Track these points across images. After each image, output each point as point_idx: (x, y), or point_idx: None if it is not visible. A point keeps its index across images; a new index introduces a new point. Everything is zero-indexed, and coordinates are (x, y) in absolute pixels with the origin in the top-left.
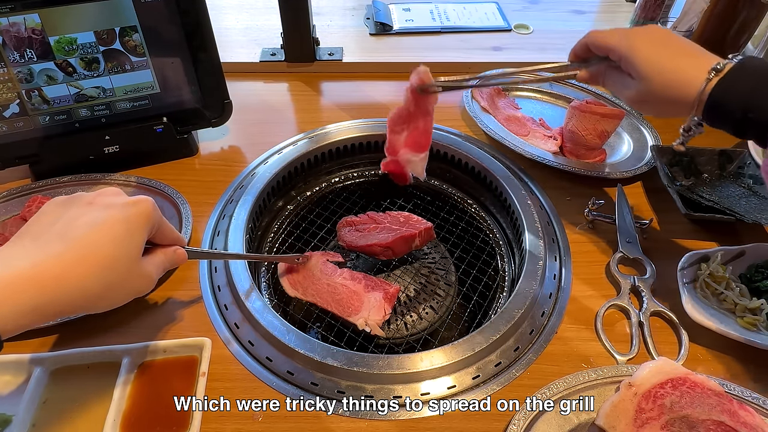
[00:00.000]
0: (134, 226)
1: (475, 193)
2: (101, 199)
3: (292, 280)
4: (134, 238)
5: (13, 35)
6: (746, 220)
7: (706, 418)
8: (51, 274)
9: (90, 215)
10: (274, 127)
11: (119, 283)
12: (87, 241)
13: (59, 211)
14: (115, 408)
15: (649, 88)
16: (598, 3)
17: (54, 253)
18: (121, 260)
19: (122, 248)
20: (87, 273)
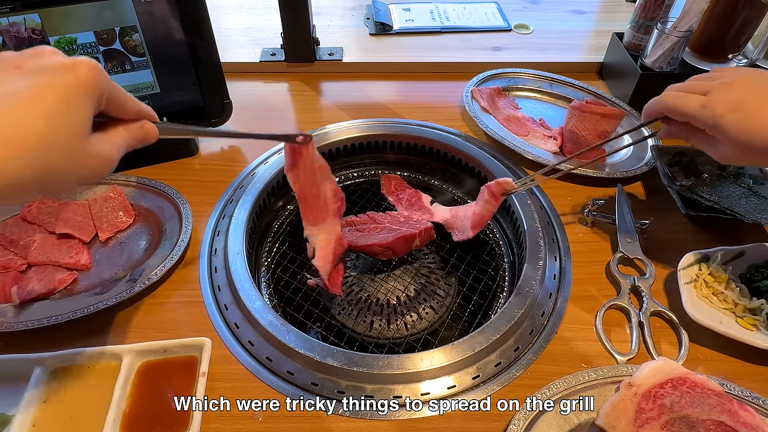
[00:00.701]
0: (73, 97)
1: (475, 193)
2: (32, 61)
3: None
4: (75, 111)
5: (13, 35)
6: (746, 220)
7: (706, 418)
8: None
9: (13, 83)
10: (274, 127)
11: (61, 164)
12: (14, 116)
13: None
14: (115, 408)
15: (743, 150)
16: (598, 3)
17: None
18: (59, 138)
19: (58, 124)
20: (12, 155)
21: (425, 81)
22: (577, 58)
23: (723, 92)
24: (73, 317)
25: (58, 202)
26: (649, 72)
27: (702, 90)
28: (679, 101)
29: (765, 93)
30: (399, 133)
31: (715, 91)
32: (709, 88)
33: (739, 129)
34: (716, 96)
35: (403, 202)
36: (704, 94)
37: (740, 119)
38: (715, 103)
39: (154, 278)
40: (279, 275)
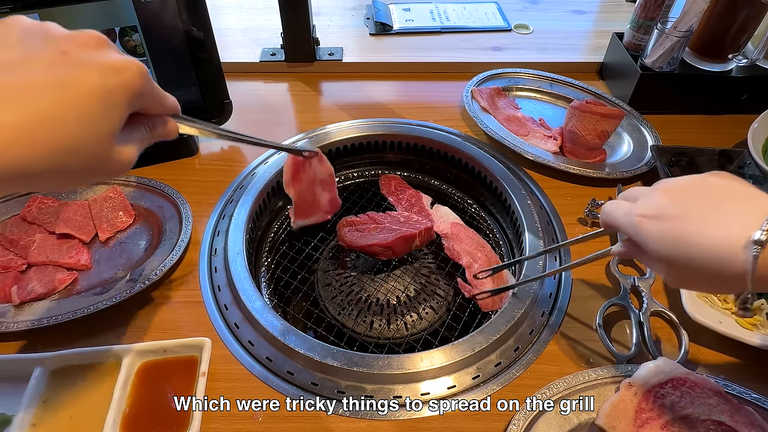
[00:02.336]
0: (114, 103)
1: (475, 193)
2: (79, 51)
3: (293, 187)
4: (111, 118)
5: None
6: None
7: (706, 418)
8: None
9: (60, 72)
10: (274, 127)
11: (82, 167)
12: (47, 114)
13: (19, 48)
14: (115, 408)
15: (672, 269)
16: (598, 3)
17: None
18: (88, 144)
19: (91, 130)
20: (35, 154)
21: (425, 81)
22: (577, 58)
23: (647, 198)
24: (73, 317)
25: (58, 202)
26: (649, 72)
27: (635, 196)
28: (611, 207)
29: (695, 199)
30: (399, 133)
31: (640, 198)
32: (639, 195)
33: (658, 239)
34: (640, 203)
35: (403, 203)
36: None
37: (660, 229)
38: (636, 209)
39: (154, 278)
40: (279, 275)
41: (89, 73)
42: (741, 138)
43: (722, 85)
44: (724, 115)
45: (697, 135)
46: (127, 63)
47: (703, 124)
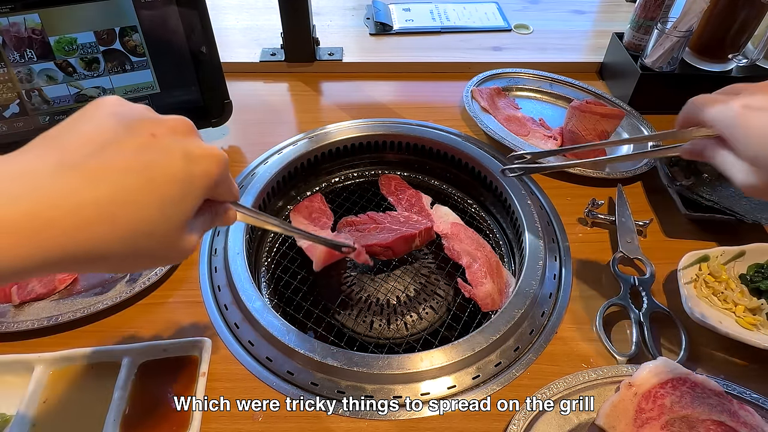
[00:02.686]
0: (192, 190)
1: (475, 193)
2: (167, 137)
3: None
4: (187, 204)
5: (13, 35)
6: (746, 220)
7: (706, 418)
8: (67, 227)
9: (146, 155)
10: (274, 127)
11: (150, 252)
12: (131, 196)
13: (111, 130)
14: (115, 408)
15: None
16: (598, 3)
17: (80, 201)
18: (163, 228)
19: (167, 214)
20: (114, 237)
21: (425, 81)
22: (577, 58)
23: (751, 91)
24: (73, 317)
25: None
26: (649, 72)
27: (736, 91)
28: (705, 98)
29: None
30: (399, 133)
31: (744, 92)
32: (742, 89)
33: (757, 134)
34: (744, 95)
35: (403, 203)
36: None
37: (763, 124)
38: (738, 100)
39: (154, 278)
40: (279, 275)
41: (174, 159)
42: None
43: (722, 85)
44: None
45: None
46: (210, 152)
47: None
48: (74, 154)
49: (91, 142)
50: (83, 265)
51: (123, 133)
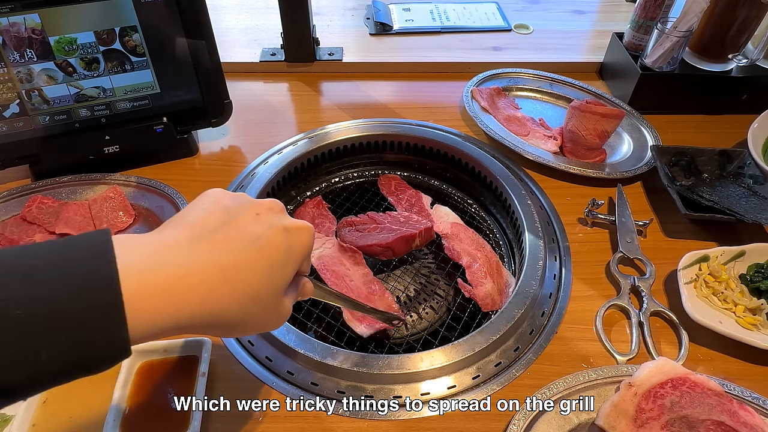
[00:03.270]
0: (292, 258)
1: (475, 193)
2: (268, 215)
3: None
4: (287, 271)
5: (13, 35)
6: (746, 220)
7: (706, 418)
8: (199, 291)
9: (255, 229)
10: (274, 127)
11: (257, 316)
12: (246, 262)
13: (225, 211)
14: (115, 408)
15: None
16: (598, 3)
17: (211, 264)
18: (268, 293)
19: (273, 279)
20: (232, 299)
21: (425, 81)
22: (577, 58)
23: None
24: None
25: (58, 202)
26: (649, 72)
27: None
28: None
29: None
30: (399, 133)
31: None
32: None
33: None
34: None
35: (403, 203)
36: None
37: None
38: None
39: None
40: None
41: (278, 232)
42: (741, 138)
43: (722, 85)
44: (724, 115)
45: (697, 135)
46: (303, 226)
47: (703, 124)
48: (201, 230)
49: (212, 221)
50: (204, 329)
51: (235, 213)
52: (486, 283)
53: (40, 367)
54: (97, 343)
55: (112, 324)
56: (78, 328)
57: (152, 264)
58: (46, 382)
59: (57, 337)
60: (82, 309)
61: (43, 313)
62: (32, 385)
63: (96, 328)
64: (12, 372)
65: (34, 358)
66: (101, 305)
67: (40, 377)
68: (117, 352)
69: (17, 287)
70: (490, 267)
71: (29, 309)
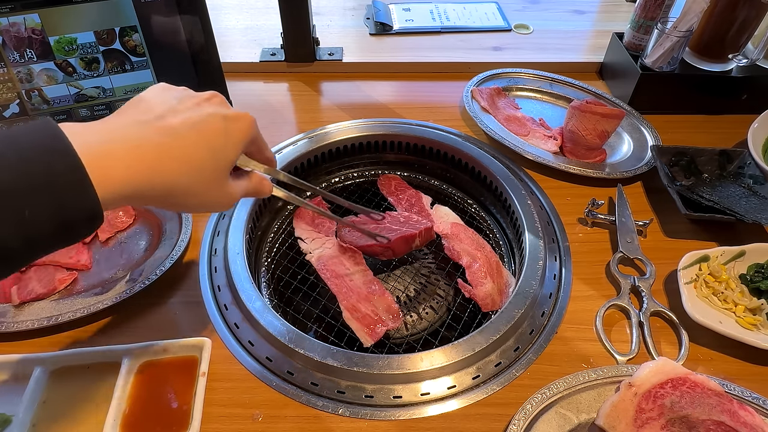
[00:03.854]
0: (231, 141)
1: (475, 193)
2: (207, 105)
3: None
4: (227, 153)
5: (13, 35)
6: (746, 220)
7: (706, 418)
8: (147, 160)
9: (195, 114)
10: (274, 127)
11: (201, 191)
12: (187, 140)
13: (166, 97)
14: (115, 408)
15: None
16: (598, 3)
17: (155, 141)
18: (210, 170)
19: (215, 158)
20: (179, 170)
21: (425, 81)
22: (577, 58)
23: None
24: (73, 317)
25: None
26: (649, 72)
27: None
28: None
29: None
30: (399, 133)
31: None
32: None
33: None
34: None
35: (403, 203)
36: None
37: None
38: None
39: (154, 278)
40: (279, 275)
41: (216, 119)
42: (741, 138)
43: (722, 85)
44: (724, 115)
45: (697, 135)
46: (241, 114)
47: (703, 124)
48: (145, 116)
49: (155, 109)
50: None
51: (175, 103)
52: (486, 283)
53: (27, 226)
54: (72, 201)
55: (80, 184)
56: (53, 191)
57: (103, 140)
58: (36, 245)
59: (38, 200)
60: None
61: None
62: (25, 248)
63: (68, 187)
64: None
65: (20, 217)
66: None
67: (30, 239)
68: (91, 212)
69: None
70: (490, 267)
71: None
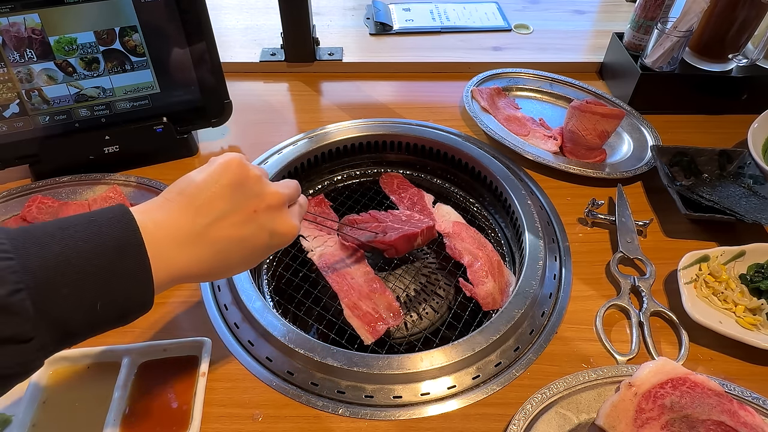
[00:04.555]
0: (267, 252)
1: (475, 193)
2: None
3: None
4: (260, 259)
5: (13, 35)
6: (746, 220)
7: (707, 418)
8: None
9: (245, 231)
10: (274, 127)
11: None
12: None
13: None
14: (115, 408)
15: None
16: (598, 3)
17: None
18: (245, 267)
19: (248, 264)
20: (214, 274)
21: (425, 81)
22: (577, 58)
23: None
24: None
25: (58, 202)
26: (649, 72)
27: None
28: None
29: None
30: (399, 133)
31: None
32: None
33: None
34: None
35: (405, 202)
36: None
37: None
38: None
39: None
40: (281, 273)
41: (263, 235)
42: (741, 138)
43: (722, 85)
44: (724, 115)
45: (697, 135)
46: (287, 231)
47: (703, 124)
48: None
49: (214, 209)
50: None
51: (236, 204)
52: (487, 282)
53: (96, 316)
54: (136, 296)
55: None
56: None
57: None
58: (97, 330)
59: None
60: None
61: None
62: (88, 331)
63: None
64: (77, 319)
65: (93, 308)
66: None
67: (94, 326)
68: (146, 304)
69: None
70: (492, 266)
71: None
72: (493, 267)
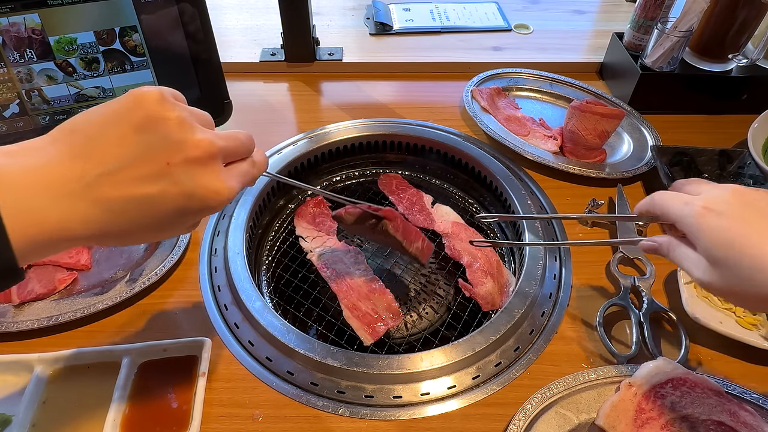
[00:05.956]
0: (185, 221)
1: (475, 193)
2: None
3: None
4: (177, 228)
5: (13, 35)
6: None
7: (707, 418)
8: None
9: (151, 189)
10: (274, 127)
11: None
12: (127, 226)
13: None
14: (115, 408)
15: (719, 271)
16: (598, 3)
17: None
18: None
19: (160, 233)
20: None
21: (425, 81)
22: (577, 58)
23: (712, 192)
24: (73, 317)
25: None
26: (649, 72)
27: (697, 191)
28: (667, 195)
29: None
30: (399, 133)
31: (705, 192)
32: (704, 190)
33: (715, 237)
34: (705, 195)
35: (404, 202)
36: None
37: (720, 226)
38: (699, 200)
39: (154, 278)
40: (280, 274)
41: (176, 198)
42: (741, 138)
43: (722, 85)
44: (724, 115)
45: (697, 135)
46: (216, 192)
47: (703, 124)
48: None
49: (111, 157)
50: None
51: (143, 152)
52: (486, 282)
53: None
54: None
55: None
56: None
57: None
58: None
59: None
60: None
61: None
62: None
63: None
64: None
65: None
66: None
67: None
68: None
69: None
70: (491, 266)
71: None
72: (492, 267)
